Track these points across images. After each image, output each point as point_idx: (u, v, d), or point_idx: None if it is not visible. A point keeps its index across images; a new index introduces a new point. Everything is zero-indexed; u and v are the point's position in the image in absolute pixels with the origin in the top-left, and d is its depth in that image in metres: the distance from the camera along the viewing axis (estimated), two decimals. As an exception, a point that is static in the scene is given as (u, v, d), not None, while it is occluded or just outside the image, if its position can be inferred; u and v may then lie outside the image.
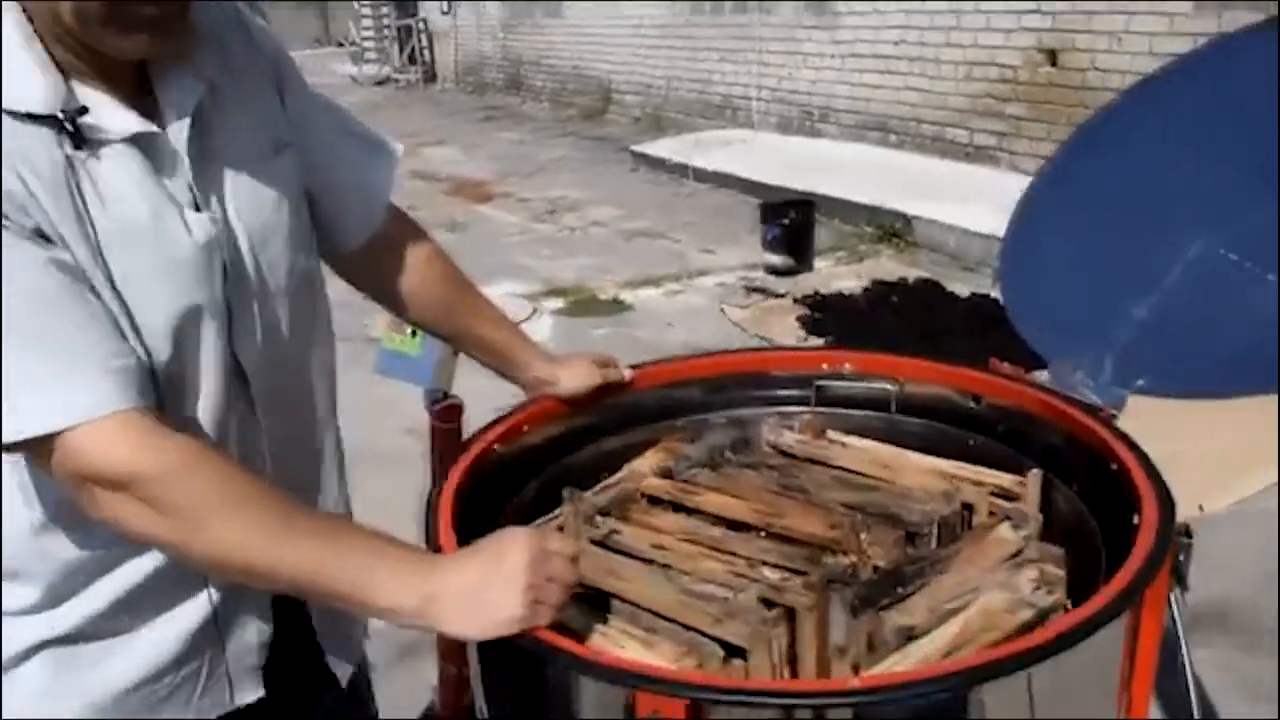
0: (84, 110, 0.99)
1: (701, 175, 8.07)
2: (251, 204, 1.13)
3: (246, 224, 1.12)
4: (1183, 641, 1.35)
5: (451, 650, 1.68)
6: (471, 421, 1.54)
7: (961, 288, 5.19)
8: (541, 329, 5.24)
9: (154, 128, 1.05)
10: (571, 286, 5.90)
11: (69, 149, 0.98)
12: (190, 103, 1.07)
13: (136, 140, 1.03)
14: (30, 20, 0.99)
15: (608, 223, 7.30)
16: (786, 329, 5.00)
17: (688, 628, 1.13)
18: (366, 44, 18.84)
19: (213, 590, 1.15)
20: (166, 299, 1.05)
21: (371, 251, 1.36)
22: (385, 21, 18.35)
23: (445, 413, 2.23)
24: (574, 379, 1.49)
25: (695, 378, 1.65)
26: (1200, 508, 1.29)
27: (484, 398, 1.61)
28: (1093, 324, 1.55)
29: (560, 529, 1.39)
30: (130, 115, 1.03)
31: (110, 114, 1.02)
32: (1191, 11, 5.70)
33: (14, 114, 0.96)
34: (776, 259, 5.83)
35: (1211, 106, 1.74)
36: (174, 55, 1.06)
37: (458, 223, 7.33)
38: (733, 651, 1.10)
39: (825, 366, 1.64)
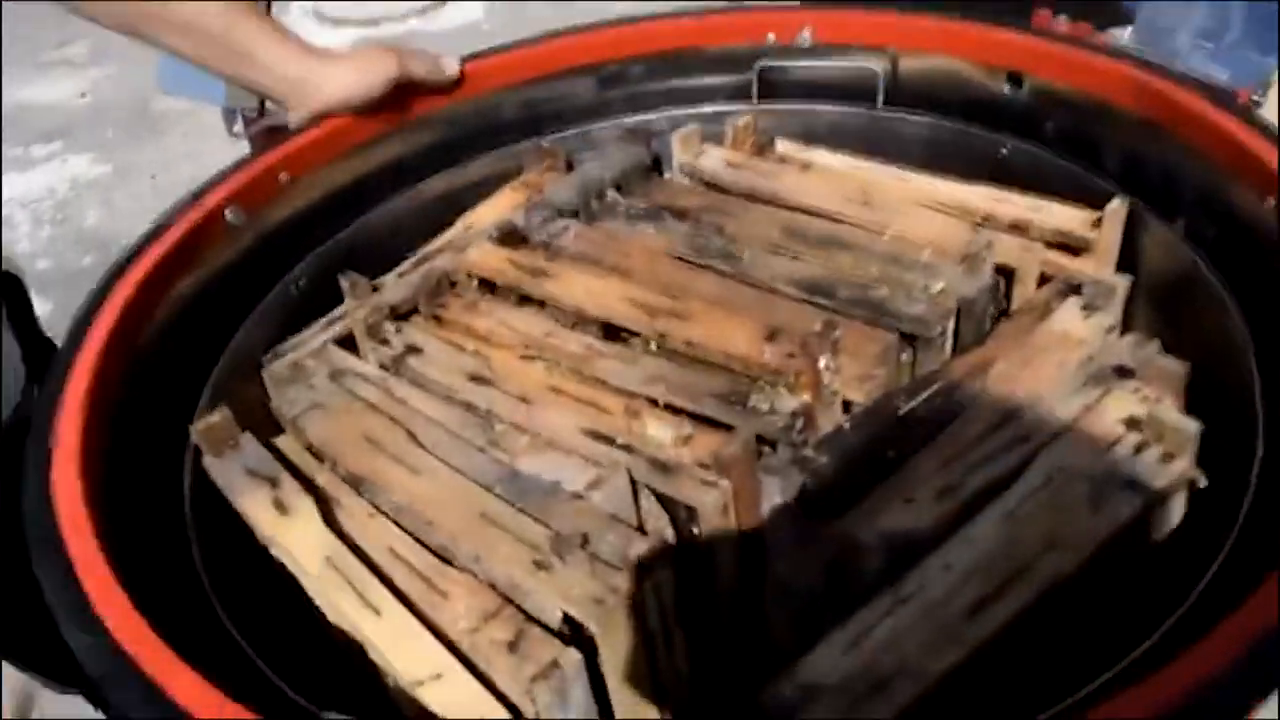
0: None
1: None
2: None
3: None
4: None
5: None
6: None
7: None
8: (465, 7, 4.48)
9: None
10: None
11: None
12: None
13: None
14: None
15: None
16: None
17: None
18: None
19: None
20: None
21: None
22: None
23: (267, 135, 1.66)
24: (352, 78, 0.91)
25: (572, 66, 1.06)
26: None
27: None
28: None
29: (346, 342, 0.86)
30: None
31: None
32: None
33: None
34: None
35: None
36: None
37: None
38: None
39: (773, 37, 1.05)
